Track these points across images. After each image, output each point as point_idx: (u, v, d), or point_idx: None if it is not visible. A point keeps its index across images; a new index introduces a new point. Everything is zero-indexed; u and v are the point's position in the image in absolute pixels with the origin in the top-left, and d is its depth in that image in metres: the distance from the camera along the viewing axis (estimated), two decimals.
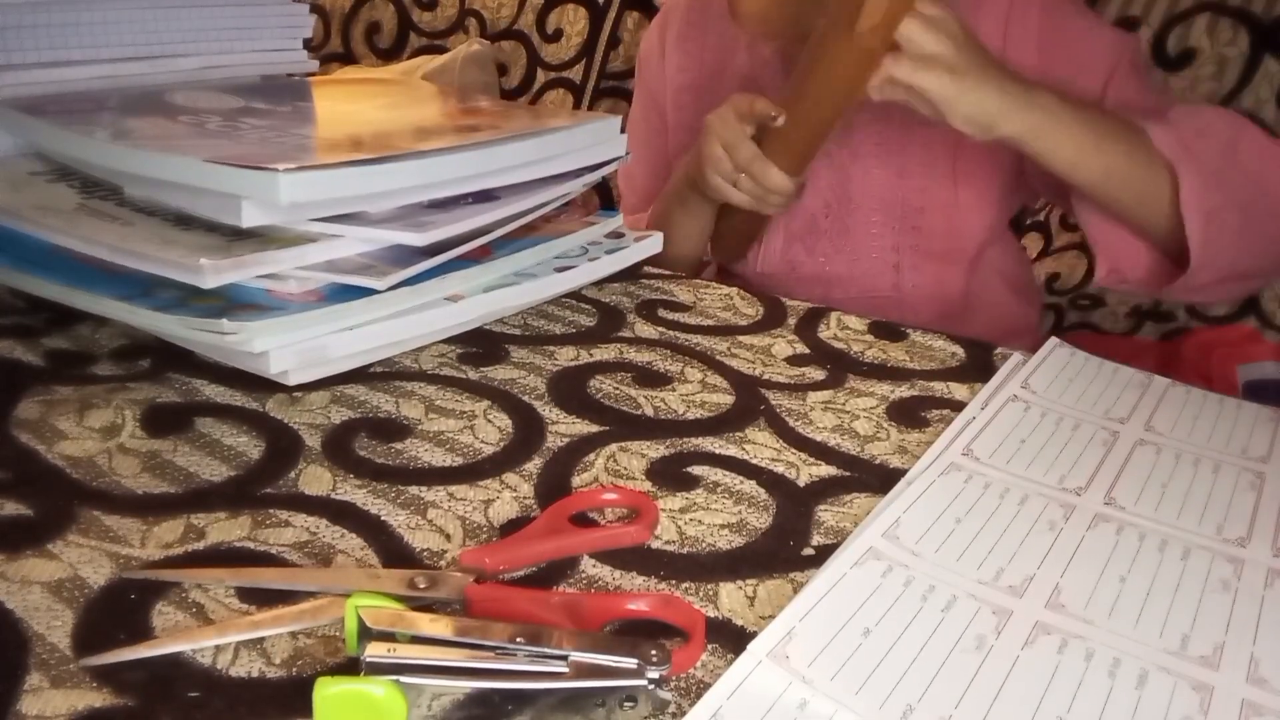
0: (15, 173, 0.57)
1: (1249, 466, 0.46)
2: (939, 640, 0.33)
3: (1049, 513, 0.41)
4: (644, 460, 0.45)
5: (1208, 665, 0.33)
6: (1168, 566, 0.38)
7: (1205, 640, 0.34)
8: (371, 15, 1.63)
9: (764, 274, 0.89)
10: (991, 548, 0.39)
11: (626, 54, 1.40)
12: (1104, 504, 0.42)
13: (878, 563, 0.37)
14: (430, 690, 0.30)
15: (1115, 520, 0.41)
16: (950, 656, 0.33)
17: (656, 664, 0.30)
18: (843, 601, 0.35)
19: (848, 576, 0.36)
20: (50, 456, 0.42)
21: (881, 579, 0.36)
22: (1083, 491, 0.43)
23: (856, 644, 0.33)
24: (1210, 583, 0.37)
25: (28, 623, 0.32)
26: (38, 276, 0.50)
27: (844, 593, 0.35)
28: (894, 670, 0.32)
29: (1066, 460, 0.45)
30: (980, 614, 0.35)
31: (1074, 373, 0.55)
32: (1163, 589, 0.37)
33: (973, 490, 0.43)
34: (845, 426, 0.49)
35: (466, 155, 0.53)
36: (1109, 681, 0.32)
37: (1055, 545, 0.39)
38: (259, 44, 0.70)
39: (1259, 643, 0.34)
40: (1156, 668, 0.33)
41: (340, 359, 0.50)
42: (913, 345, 0.60)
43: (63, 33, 0.61)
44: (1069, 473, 0.44)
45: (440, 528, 0.39)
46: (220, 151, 0.48)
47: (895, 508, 0.41)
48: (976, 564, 0.38)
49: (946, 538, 0.39)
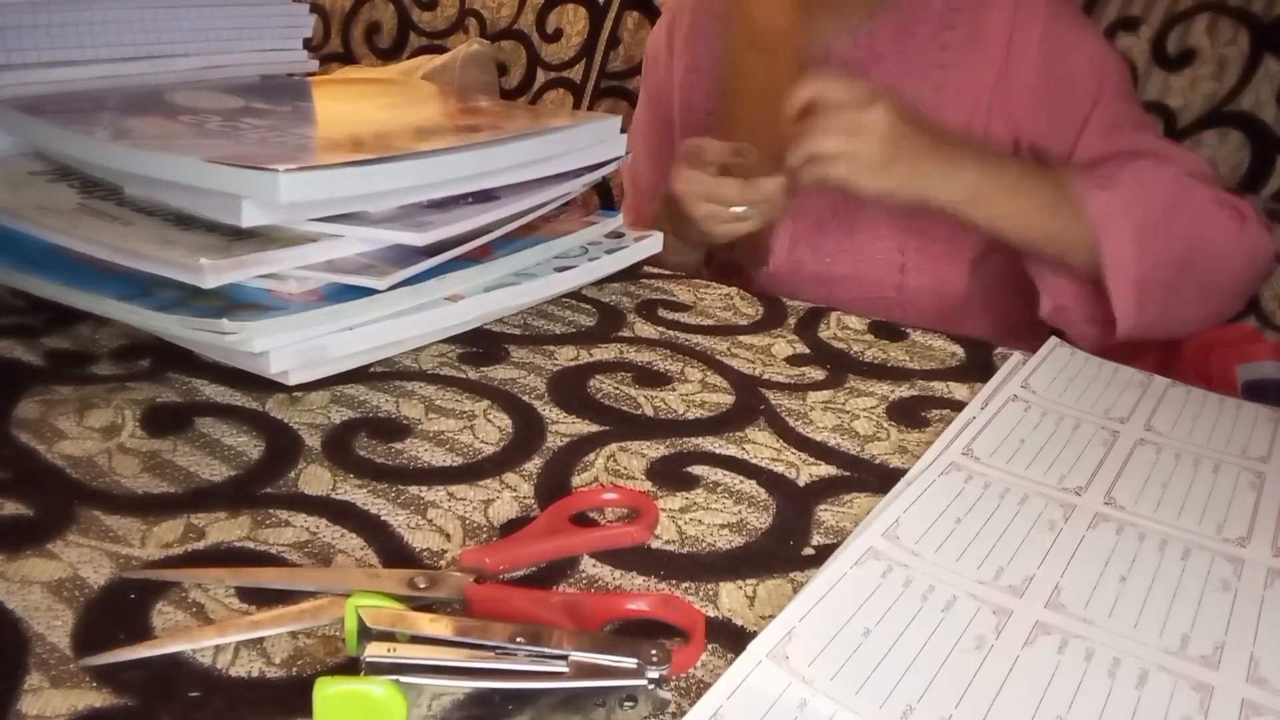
0: (15, 173, 0.57)
1: (1249, 466, 0.46)
2: (939, 640, 0.33)
3: (1049, 512, 0.41)
4: (644, 460, 0.45)
5: (1208, 665, 0.33)
6: (1168, 566, 0.38)
7: (1205, 640, 0.34)
8: (371, 15, 1.63)
9: (768, 274, 0.89)
10: (991, 547, 0.39)
11: (626, 54, 1.40)
12: (1104, 504, 0.42)
13: (878, 563, 0.37)
14: (430, 690, 0.30)
15: (1115, 520, 0.41)
16: (950, 656, 0.33)
17: (656, 664, 0.30)
18: (843, 601, 0.35)
19: (848, 576, 0.36)
20: (50, 456, 0.42)
21: (881, 579, 0.36)
22: (1083, 491, 0.43)
23: (856, 644, 0.33)
24: (1210, 582, 0.37)
25: (28, 622, 0.32)
26: (38, 276, 0.50)
27: (844, 593, 0.35)
28: (894, 670, 0.32)
29: (1066, 460, 0.45)
30: (980, 614, 0.35)
31: (1074, 372, 0.55)
32: (1163, 589, 0.37)
33: (973, 490, 0.43)
34: (845, 426, 0.49)
35: (466, 155, 0.53)
36: (1109, 681, 0.32)
37: (1055, 545, 0.39)
38: (259, 44, 0.70)
39: (1259, 642, 0.34)
40: (1156, 667, 0.33)
41: (340, 359, 0.50)
42: (912, 345, 0.60)
43: (63, 33, 0.61)
44: (1069, 472, 0.44)
45: (440, 527, 0.39)
46: (220, 151, 0.48)
47: (895, 507, 0.41)
48: (976, 564, 0.38)
49: (946, 537, 0.39)
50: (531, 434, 0.47)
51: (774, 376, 0.54)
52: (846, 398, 0.52)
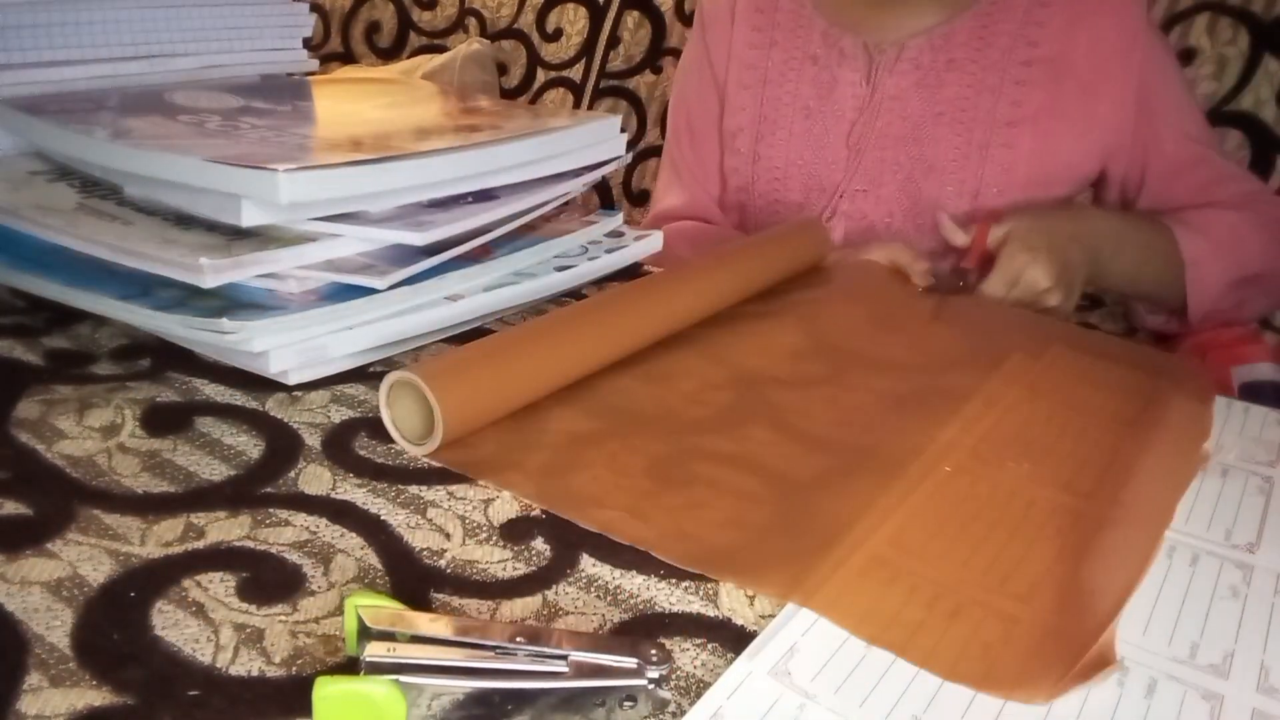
0: (15, 172, 0.57)
1: (1257, 470, 0.46)
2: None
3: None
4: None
5: (1217, 674, 0.32)
6: (1176, 572, 0.38)
7: (1215, 648, 0.34)
8: (371, 15, 1.63)
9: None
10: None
11: (626, 54, 1.40)
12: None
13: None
14: (430, 690, 0.30)
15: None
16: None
17: (656, 664, 0.30)
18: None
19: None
20: (50, 456, 0.42)
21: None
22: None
23: (860, 657, 0.32)
24: (1219, 589, 0.37)
25: (27, 622, 0.32)
26: (38, 276, 0.50)
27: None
28: (899, 682, 0.31)
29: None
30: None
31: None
32: (1171, 595, 0.36)
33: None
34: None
35: (466, 155, 0.53)
36: (1117, 690, 0.31)
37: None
38: (259, 43, 0.70)
39: (1269, 651, 0.34)
40: (1166, 676, 0.32)
41: (340, 358, 0.50)
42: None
43: (63, 32, 0.61)
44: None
45: (440, 527, 0.39)
46: (220, 151, 0.48)
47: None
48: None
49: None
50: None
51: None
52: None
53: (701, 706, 0.30)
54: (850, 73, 0.86)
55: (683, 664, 0.32)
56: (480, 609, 0.35)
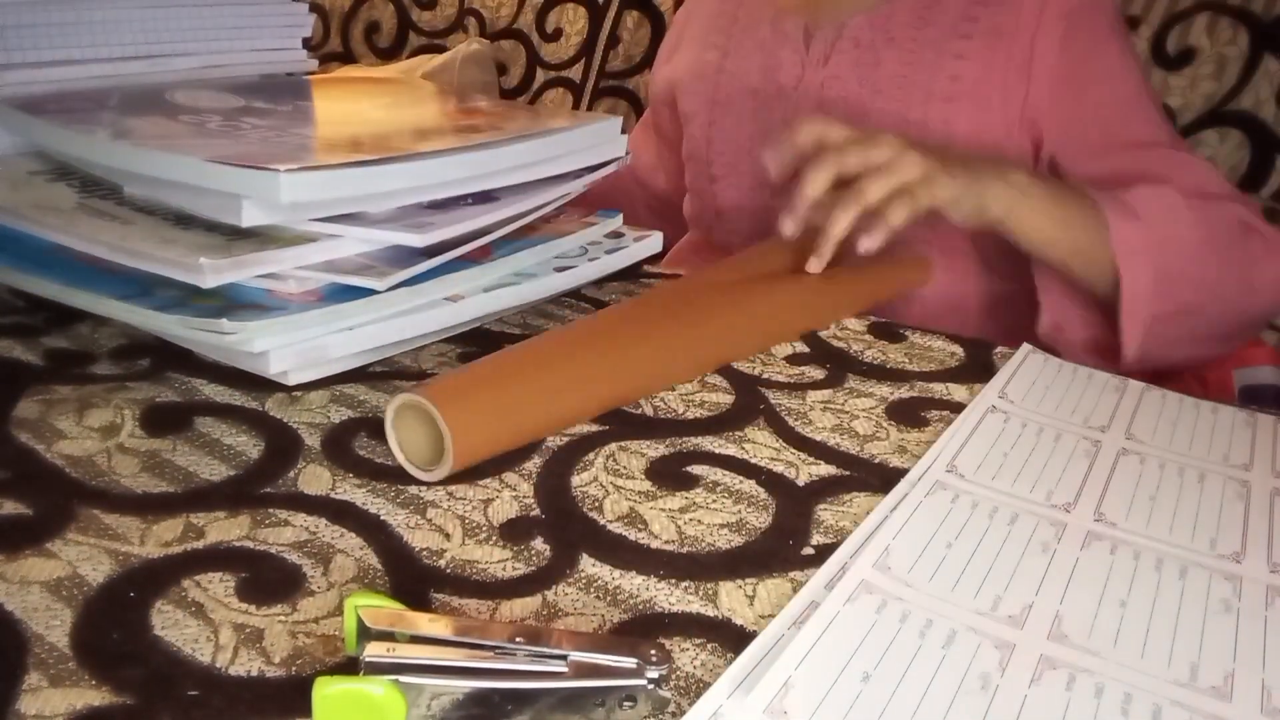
0: (15, 172, 0.57)
1: (1233, 475, 0.45)
2: (942, 681, 0.32)
3: (1040, 532, 0.40)
4: (643, 459, 0.45)
5: (1220, 697, 0.32)
6: (1166, 587, 0.37)
7: (1215, 669, 0.33)
8: (371, 14, 1.63)
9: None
10: (986, 574, 0.37)
11: (626, 53, 1.40)
12: (1095, 520, 0.41)
13: (871, 597, 0.35)
14: (430, 690, 0.30)
15: (1108, 538, 0.40)
16: (956, 699, 0.31)
17: (656, 664, 0.30)
18: (838, 644, 0.33)
19: (842, 614, 0.34)
20: (50, 456, 0.42)
21: (876, 615, 0.35)
22: (1071, 507, 0.42)
23: (857, 691, 0.31)
24: (1211, 604, 0.36)
25: (27, 622, 0.32)
26: (38, 276, 0.50)
27: (839, 633, 0.34)
28: (898, 718, 0.30)
29: (1052, 474, 0.45)
30: (982, 650, 0.33)
31: (1050, 379, 0.54)
32: (1164, 612, 0.36)
33: (961, 510, 0.41)
34: (844, 426, 0.49)
35: (466, 156, 0.53)
36: (1122, 719, 0.31)
37: (1050, 568, 0.38)
38: (259, 43, 0.70)
39: (1268, 669, 0.33)
40: (1170, 702, 0.32)
41: (340, 359, 0.50)
42: (912, 346, 0.60)
43: (63, 32, 0.61)
44: (1055, 488, 0.43)
45: (440, 527, 0.39)
46: (221, 151, 0.48)
47: (884, 534, 0.39)
48: (973, 593, 0.36)
49: (939, 565, 0.38)
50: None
51: (774, 376, 0.54)
52: (846, 397, 0.52)
53: (701, 706, 0.30)
54: (791, 54, 0.87)
55: (682, 664, 0.32)
56: (480, 609, 0.35)
